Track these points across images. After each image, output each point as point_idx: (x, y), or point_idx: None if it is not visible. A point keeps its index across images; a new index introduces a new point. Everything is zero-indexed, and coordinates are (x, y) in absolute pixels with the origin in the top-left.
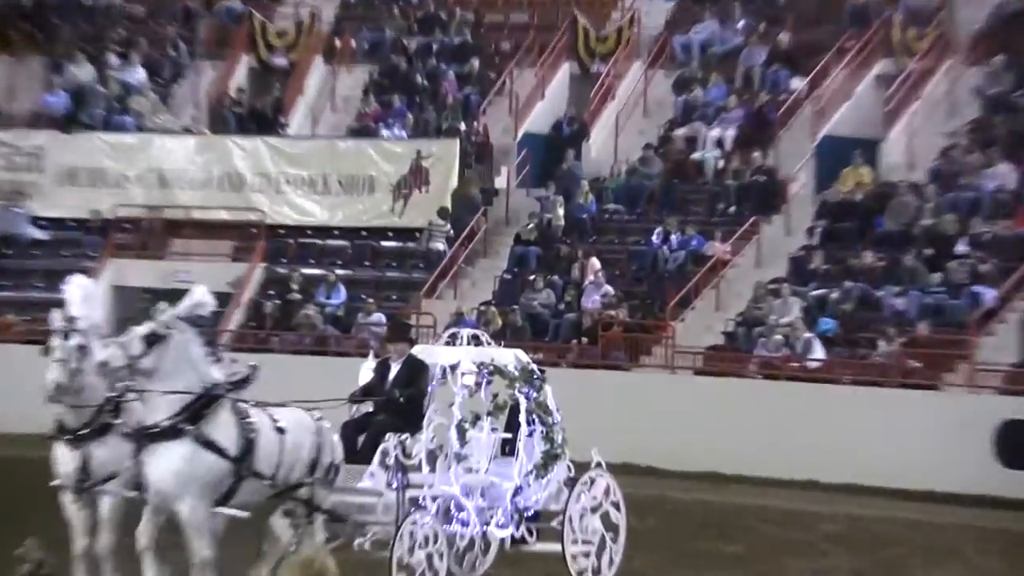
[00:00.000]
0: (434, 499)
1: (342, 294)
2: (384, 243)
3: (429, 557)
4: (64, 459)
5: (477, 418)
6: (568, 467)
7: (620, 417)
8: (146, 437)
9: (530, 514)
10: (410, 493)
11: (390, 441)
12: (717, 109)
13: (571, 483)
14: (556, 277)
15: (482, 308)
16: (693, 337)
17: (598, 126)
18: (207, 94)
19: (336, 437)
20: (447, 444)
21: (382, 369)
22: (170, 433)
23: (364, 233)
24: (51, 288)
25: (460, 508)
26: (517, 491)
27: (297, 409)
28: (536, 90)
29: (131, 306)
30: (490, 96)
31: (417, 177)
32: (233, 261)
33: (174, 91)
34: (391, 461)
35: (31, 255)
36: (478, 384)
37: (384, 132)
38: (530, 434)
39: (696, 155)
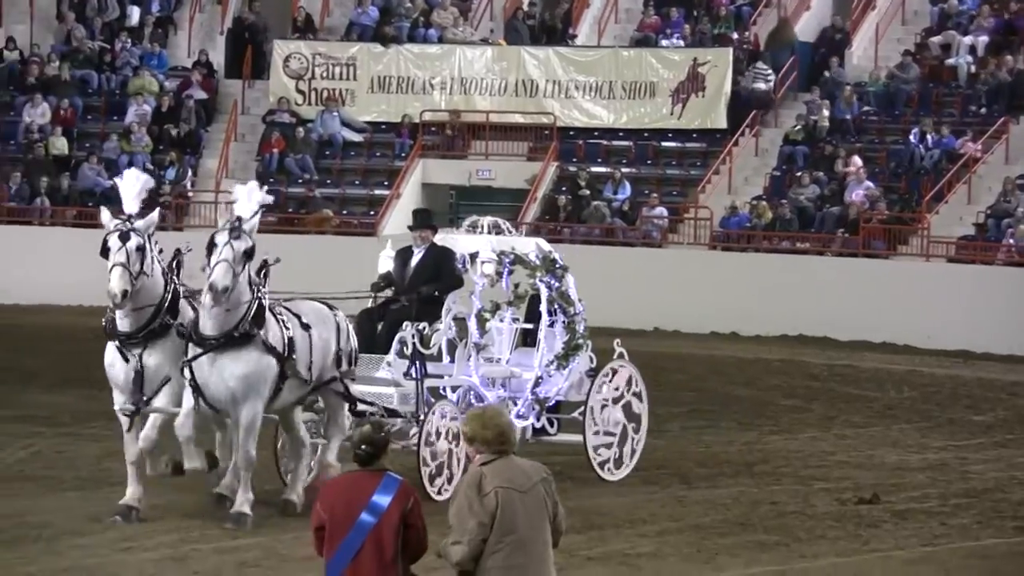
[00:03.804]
0: (453, 389)
1: (627, 189)
2: (664, 143)
3: (450, 451)
4: (118, 366)
5: (497, 308)
6: (591, 358)
7: (879, 301)
8: (215, 344)
9: (551, 404)
10: (428, 383)
11: (407, 330)
12: (971, 17)
13: (593, 374)
14: (821, 174)
15: (753, 202)
16: (946, 228)
17: (859, 34)
18: (502, 8)
19: (350, 325)
20: (467, 334)
21: (404, 256)
22: (241, 339)
23: (646, 134)
24: (366, 185)
25: (480, 398)
26: (537, 381)
27: (314, 302)
28: (803, 1)
29: (438, 201)
30: (760, 7)
31: (694, 82)
32: (528, 160)
33: (472, 5)
34: (409, 351)
35: (348, 156)
36: (499, 273)
37: (663, 41)
38: (551, 324)
39: (950, 60)
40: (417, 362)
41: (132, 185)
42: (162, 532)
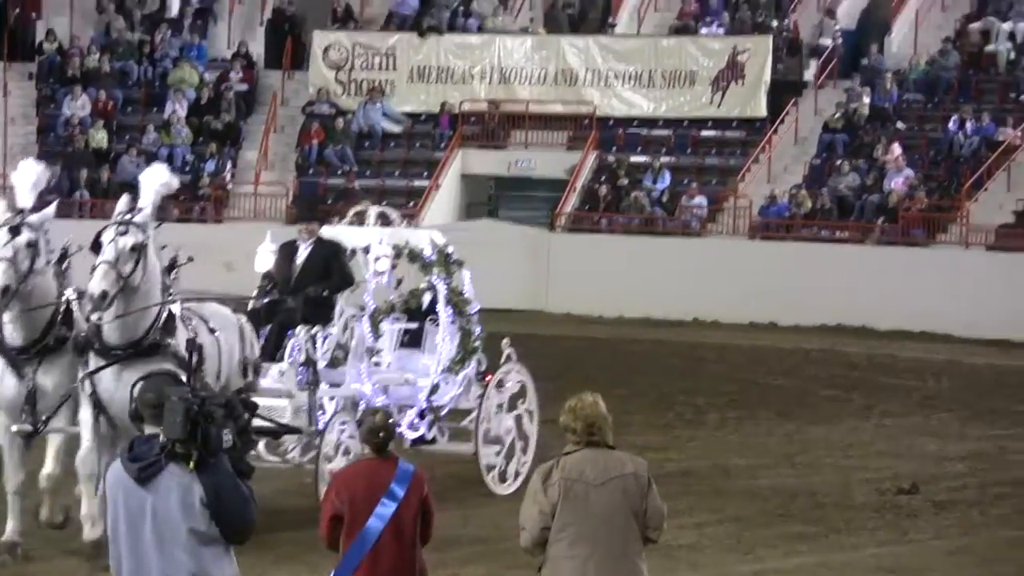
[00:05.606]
0: (331, 399)
1: (666, 179)
2: (704, 132)
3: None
4: (7, 383)
5: (392, 308)
6: (479, 361)
7: (918, 290)
8: (120, 355)
9: (443, 413)
10: (318, 393)
11: (300, 335)
12: (1010, 4)
13: (482, 378)
14: (861, 162)
15: (793, 191)
16: (985, 216)
17: (899, 21)
18: None
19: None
20: (358, 337)
21: (288, 252)
22: (150, 349)
23: (686, 123)
24: (406, 176)
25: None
26: (434, 389)
27: (215, 304)
28: None
29: (478, 192)
30: None
31: (733, 70)
32: (568, 150)
33: None
34: (302, 357)
35: (387, 147)
36: (392, 268)
37: (703, 29)
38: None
39: (990, 47)
40: (308, 369)
41: (27, 176)
42: None
